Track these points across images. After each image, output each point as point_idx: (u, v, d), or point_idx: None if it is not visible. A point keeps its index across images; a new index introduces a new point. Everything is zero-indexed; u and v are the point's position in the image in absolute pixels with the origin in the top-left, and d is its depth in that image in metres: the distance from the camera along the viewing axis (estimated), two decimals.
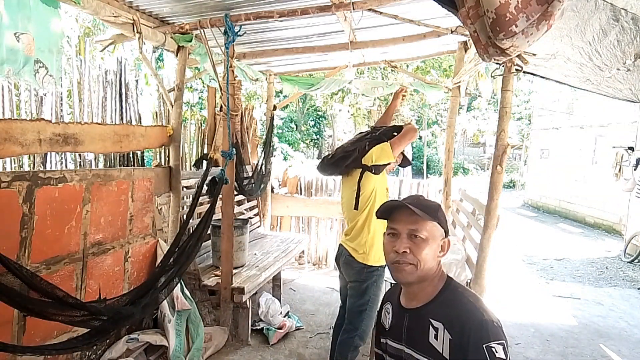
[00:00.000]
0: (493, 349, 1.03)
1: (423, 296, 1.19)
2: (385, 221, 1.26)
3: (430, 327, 1.13)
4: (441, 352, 1.09)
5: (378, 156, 2.40)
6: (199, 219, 2.73)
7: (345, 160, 2.47)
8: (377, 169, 2.44)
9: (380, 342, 1.32)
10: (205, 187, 2.83)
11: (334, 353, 2.52)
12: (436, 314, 1.13)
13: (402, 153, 2.59)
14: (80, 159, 3.14)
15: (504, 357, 1.03)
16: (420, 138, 17.35)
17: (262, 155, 4.57)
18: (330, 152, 2.66)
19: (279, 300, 3.79)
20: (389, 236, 1.22)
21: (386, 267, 2.47)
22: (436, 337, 1.11)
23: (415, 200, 1.21)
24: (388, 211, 1.24)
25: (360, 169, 2.44)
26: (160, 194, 2.98)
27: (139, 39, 2.60)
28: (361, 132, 2.65)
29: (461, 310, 1.10)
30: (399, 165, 2.67)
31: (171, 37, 2.96)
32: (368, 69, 10.14)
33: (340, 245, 2.54)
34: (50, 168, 2.94)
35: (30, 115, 2.92)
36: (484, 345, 1.03)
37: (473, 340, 1.04)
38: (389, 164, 2.49)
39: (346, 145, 2.55)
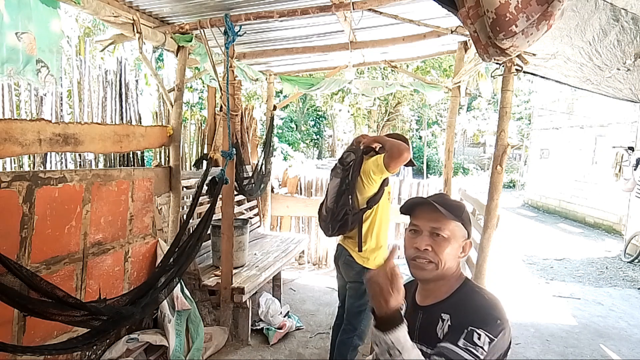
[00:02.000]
0: (475, 333, 1.00)
1: (438, 294, 1.18)
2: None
3: (440, 320, 1.13)
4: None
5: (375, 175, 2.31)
6: (199, 219, 2.74)
7: (347, 224, 2.37)
8: (373, 200, 2.37)
9: None
10: (205, 187, 2.83)
11: (333, 353, 2.52)
12: (447, 308, 1.13)
13: None
14: (80, 159, 3.14)
15: (483, 347, 0.99)
16: (420, 138, 17.36)
17: (262, 155, 4.57)
18: (327, 213, 2.48)
19: (279, 300, 3.79)
20: (410, 232, 1.20)
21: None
22: (442, 327, 1.11)
23: (441, 199, 1.20)
24: (411, 207, 1.22)
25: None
26: (160, 194, 2.98)
27: (139, 39, 2.60)
28: (331, 177, 2.53)
29: (472, 303, 1.10)
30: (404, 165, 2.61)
31: (171, 37, 2.96)
32: (368, 69, 10.15)
33: (339, 245, 2.53)
34: (50, 168, 2.93)
35: (30, 115, 2.92)
36: (469, 327, 1.02)
37: (463, 321, 1.04)
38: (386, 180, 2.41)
39: (333, 208, 2.41)
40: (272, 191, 5.17)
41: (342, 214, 2.36)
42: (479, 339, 1.00)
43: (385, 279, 0.97)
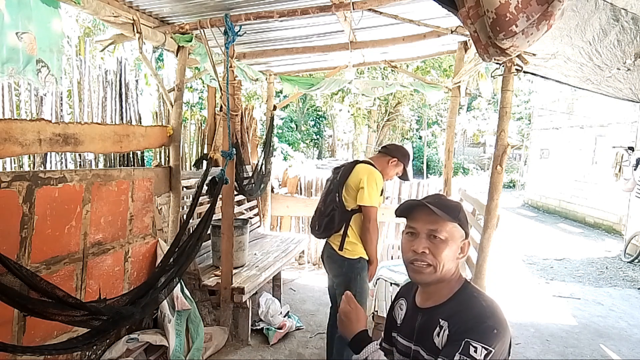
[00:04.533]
0: (472, 347, 1.00)
1: (438, 297, 1.17)
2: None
3: (437, 325, 1.12)
4: (440, 348, 1.08)
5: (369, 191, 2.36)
6: (199, 219, 2.74)
7: (334, 221, 2.44)
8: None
9: (391, 336, 1.32)
10: (205, 187, 2.83)
11: (331, 354, 2.51)
12: (445, 314, 1.12)
13: (405, 169, 2.63)
14: (80, 159, 3.14)
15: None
16: (420, 138, 17.37)
17: (262, 155, 4.57)
18: (316, 213, 2.60)
19: (279, 300, 3.79)
20: (407, 235, 1.19)
21: (368, 262, 2.47)
22: (439, 334, 1.10)
23: (437, 200, 1.18)
24: (407, 210, 1.21)
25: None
26: (160, 194, 2.98)
27: (139, 39, 2.60)
28: (326, 185, 2.62)
29: (469, 311, 1.09)
30: (398, 177, 2.71)
31: (171, 37, 2.96)
32: (368, 69, 10.15)
33: (326, 241, 2.58)
34: (50, 168, 2.93)
35: (30, 115, 2.92)
36: (464, 339, 1.01)
37: (460, 331, 1.03)
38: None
39: (321, 207, 2.54)
40: (272, 191, 5.17)
41: (329, 210, 2.44)
42: (475, 351, 0.99)
43: (348, 309, 1.27)
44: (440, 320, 1.12)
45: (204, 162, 3.81)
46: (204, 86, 8.93)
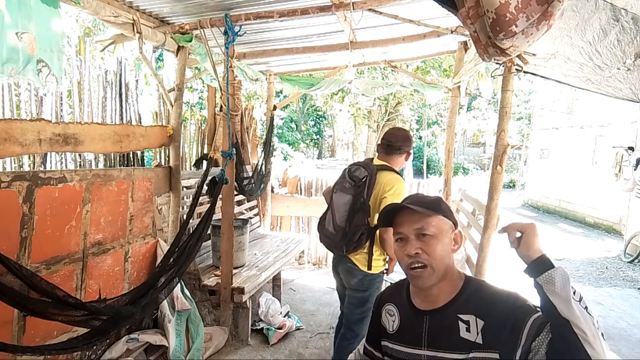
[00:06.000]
0: (537, 313, 1.03)
1: (444, 296, 1.13)
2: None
3: (460, 322, 1.07)
4: (474, 340, 1.04)
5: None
6: (199, 219, 2.74)
7: (362, 243, 2.25)
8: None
9: (379, 344, 1.26)
10: (205, 187, 2.83)
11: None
12: (463, 309, 1.08)
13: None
14: (80, 159, 3.14)
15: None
16: (420, 138, 17.37)
17: (262, 155, 4.57)
18: (337, 232, 2.32)
19: (279, 300, 3.79)
20: (397, 242, 1.16)
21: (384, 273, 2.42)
22: (468, 329, 1.06)
23: (414, 199, 1.18)
24: (389, 217, 1.18)
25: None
26: (160, 194, 2.98)
27: (139, 39, 2.60)
28: (335, 190, 2.40)
29: (493, 297, 1.08)
30: None
31: (171, 37, 2.96)
32: (368, 69, 10.15)
33: None
34: (50, 168, 2.93)
35: (30, 115, 2.92)
36: (532, 318, 1.02)
37: (520, 315, 1.02)
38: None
39: (345, 227, 2.27)
40: (272, 191, 5.17)
41: (358, 234, 2.23)
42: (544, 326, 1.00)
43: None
44: (461, 316, 1.08)
45: (204, 162, 3.82)
46: (204, 86, 8.94)
